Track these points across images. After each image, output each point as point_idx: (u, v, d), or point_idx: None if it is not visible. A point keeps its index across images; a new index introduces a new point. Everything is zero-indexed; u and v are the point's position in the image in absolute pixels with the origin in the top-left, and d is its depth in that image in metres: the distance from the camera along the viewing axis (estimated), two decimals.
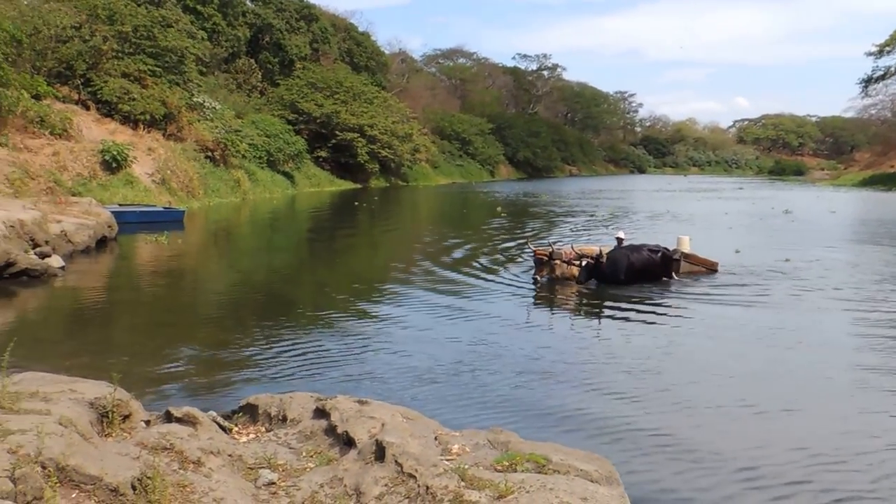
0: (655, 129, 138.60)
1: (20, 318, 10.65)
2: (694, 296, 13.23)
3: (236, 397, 6.67)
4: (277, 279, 15.40)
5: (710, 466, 5.94)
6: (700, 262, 15.53)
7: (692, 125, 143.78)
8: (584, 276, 13.78)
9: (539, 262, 14.14)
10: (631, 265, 14.00)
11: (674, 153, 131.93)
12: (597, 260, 13.74)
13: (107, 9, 32.13)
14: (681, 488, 5.55)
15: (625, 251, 14.35)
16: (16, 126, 24.39)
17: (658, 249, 14.60)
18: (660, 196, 49.54)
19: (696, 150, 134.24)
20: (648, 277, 14.18)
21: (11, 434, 3.93)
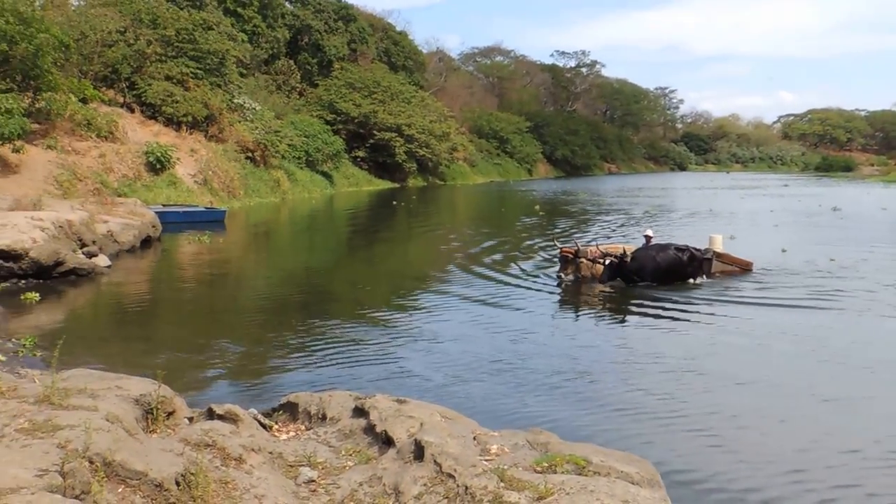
0: (697, 126, 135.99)
1: (69, 316, 10.91)
2: (732, 297, 12.95)
3: (277, 395, 6.76)
4: (316, 278, 15.56)
5: (755, 468, 5.83)
6: (734, 262, 15.18)
7: (735, 121, 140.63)
8: (607, 275, 13.60)
9: (564, 261, 14.01)
10: (657, 265, 13.76)
11: (716, 150, 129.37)
12: (621, 259, 13.54)
13: (150, 13, 32.87)
14: (724, 490, 5.46)
15: (651, 250, 14.12)
16: (64, 129, 25.07)
17: (685, 248, 14.28)
18: (701, 194, 48.74)
19: (740, 146, 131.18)
20: (676, 277, 13.90)
21: (60, 429, 4.00)
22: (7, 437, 3.88)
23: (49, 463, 3.57)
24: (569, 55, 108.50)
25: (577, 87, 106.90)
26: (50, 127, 24.51)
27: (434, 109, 57.28)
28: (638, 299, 12.76)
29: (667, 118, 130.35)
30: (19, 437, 3.88)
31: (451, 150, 58.64)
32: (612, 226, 26.50)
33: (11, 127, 20.42)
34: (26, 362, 7.42)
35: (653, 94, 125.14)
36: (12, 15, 22.53)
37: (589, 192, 48.53)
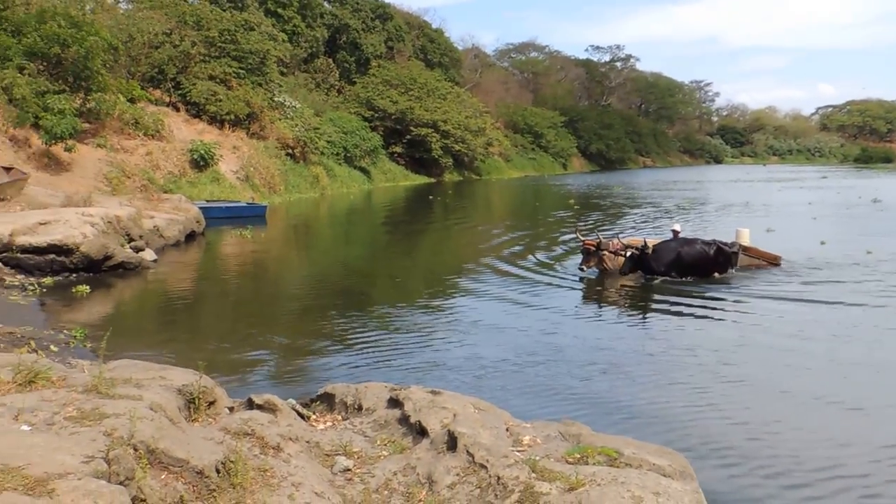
0: (733, 119, 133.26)
1: (116, 308, 11.21)
2: (769, 291, 12.71)
3: (314, 386, 6.88)
4: (354, 271, 15.73)
5: (789, 461, 5.76)
6: (761, 256, 14.90)
7: (772, 113, 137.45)
8: (627, 267, 13.49)
9: (586, 253, 13.92)
10: (679, 258, 13.56)
11: (752, 142, 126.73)
12: (642, 252, 13.38)
13: (194, 15, 33.54)
14: (758, 483, 5.40)
15: (674, 244, 13.92)
16: (113, 128, 25.74)
17: (712, 243, 14.05)
18: (737, 186, 47.84)
19: (777, 138, 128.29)
20: (700, 272, 13.68)
21: (107, 418, 4.08)
22: (57, 425, 3.96)
23: (95, 450, 3.63)
24: (603, 50, 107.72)
25: (611, 82, 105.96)
26: (100, 126, 25.17)
27: (469, 105, 57.28)
28: (666, 293, 12.62)
29: (702, 111, 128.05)
30: (68, 425, 3.96)
31: (487, 145, 58.65)
32: (644, 219, 26.25)
33: (64, 127, 21.03)
34: (76, 353, 7.60)
35: (688, 87, 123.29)
36: (64, 19, 23.23)
37: (623, 186, 47.98)
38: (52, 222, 12.78)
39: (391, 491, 4.25)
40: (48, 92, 22.10)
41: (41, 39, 22.34)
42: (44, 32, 22.38)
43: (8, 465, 3.30)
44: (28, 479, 3.20)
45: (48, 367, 5.04)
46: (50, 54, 22.65)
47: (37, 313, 9.73)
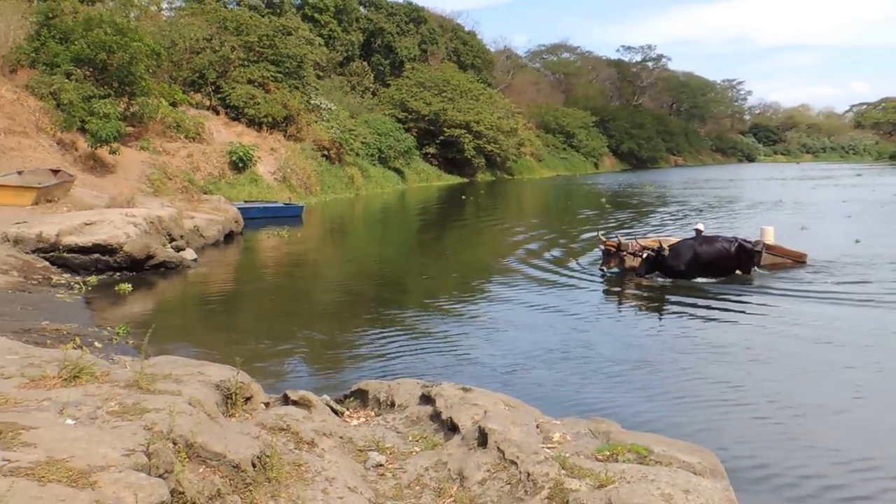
0: (765, 117, 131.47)
1: (158, 306, 11.46)
2: (795, 289, 12.51)
3: (348, 382, 6.97)
4: (387, 270, 15.88)
5: (820, 458, 5.72)
6: (786, 254, 14.61)
7: (805, 111, 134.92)
8: (644, 268, 13.33)
9: (607, 254, 13.83)
10: (696, 257, 13.32)
11: (785, 140, 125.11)
12: (658, 252, 13.20)
13: (234, 21, 34.14)
14: (790, 482, 5.34)
15: (691, 243, 13.69)
16: (156, 131, 26.33)
17: (733, 240, 13.79)
18: (770, 184, 47.01)
19: (810, 136, 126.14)
20: (721, 271, 13.44)
21: (147, 412, 4.13)
22: (99, 419, 4.01)
23: (136, 443, 3.67)
24: (634, 50, 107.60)
25: (642, 82, 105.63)
26: (143, 129, 25.77)
27: (502, 106, 57.39)
28: (691, 292, 12.49)
29: (734, 110, 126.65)
30: (110, 419, 4.02)
31: (519, 145, 58.71)
32: (674, 217, 26.00)
33: (109, 130, 21.57)
34: (119, 349, 7.77)
35: (720, 86, 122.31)
36: (110, 26, 23.84)
37: (655, 185, 47.60)
38: (97, 223, 13.05)
39: (423, 486, 4.29)
40: (94, 97, 22.70)
41: (88, 46, 22.95)
42: (90, 39, 22.99)
43: (53, 458, 3.37)
44: (72, 471, 3.27)
45: (92, 362, 5.13)
46: (96, 60, 23.26)
47: (82, 311, 9.96)
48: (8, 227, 12.43)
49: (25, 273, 11.29)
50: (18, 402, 4.24)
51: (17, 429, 3.67)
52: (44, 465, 3.29)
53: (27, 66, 23.86)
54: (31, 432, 3.66)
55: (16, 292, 10.14)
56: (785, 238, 16.50)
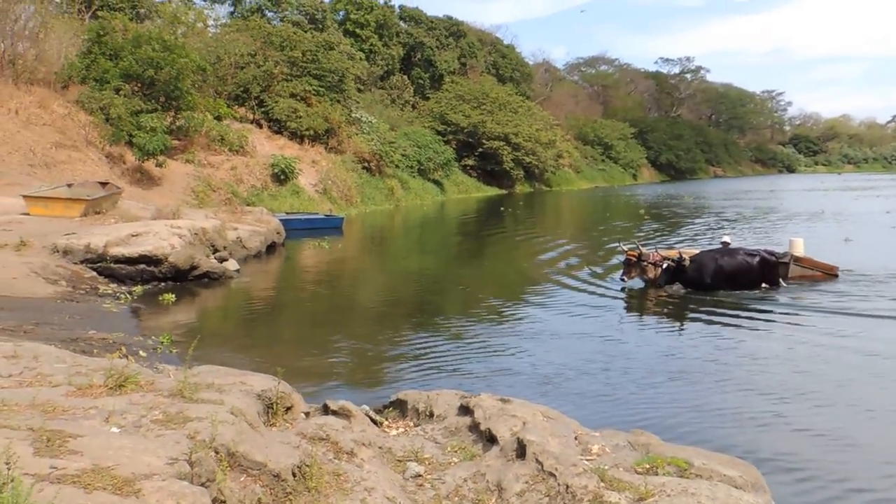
0: (806, 128, 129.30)
1: (201, 316, 11.63)
2: (824, 303, 12.18)
3: (387, 392, 7.00)
4: (426, 280, 15.90)
5: (865, 472, 5.55)
6: (816, 266, 14.15)
7: (846, 122, 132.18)
8: (664, 279, 13.09)
9: (628, 264, 13.57)
10: (719, 269, 13.00)
11: (826, 151, 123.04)
12: (678, 263, 12.92)
13: (279, 37, 34.84)
14: (836, 497, 5.19)
15: (714, 254, 13.39)
16: (201, 144, 26.93)
17: (756, 253, 13.43)
18: (811, 195, 46.06)
19: (851, 147, 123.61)
20: (744, 283, 13.08)
21: (190, 421, 4.19)
22: (144, 427, 4.09)
23: (179, 452, 3.72)
24: (673, 62, 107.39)
25: (681, 93, 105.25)
26: (188, 142, 26.38)
27: (540, 118, 57.38)
28: (723, 304, 12.25)
29: (774, 121, 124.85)
30: (154, 428, 4.09)
31: (557, 157, 58.58)
32: (712, 228, 25.58)
33: (156, 144, 22.15)
34: (163, 358, 7.88)
35: (759, 97, 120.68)
36: (158, 43, 24.53)
37: (694, 196, 47.03)
38: (143, 234, 13.29)
39: (461, 497, 4.27)
40: (142, 111, 23.36)
41: (136, 62, 23.64)
42: (139, 56, 23.68)
43: (99, 465, 3.43)
44: (116, 479, 3.32)
45: (137, 371, 5.23)
46: (144, 76, 23.93)
47: (127, 320, 10.13)
48: (58, 239, 12.75)
49: (73, 283, 11.57)
50: (66, 411, 4.33)
51: (65, 436, 3.74)
52: (90, 473, 3.35)
53: (78, 82, 24.65)
54: (78, 440, 3.73)
55: (64, 302, 10.40)
56: (828, 250, 16.07)
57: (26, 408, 4.28)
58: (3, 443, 3.17)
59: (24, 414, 4.16)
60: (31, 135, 21.14)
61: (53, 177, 19.63)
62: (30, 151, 20.53)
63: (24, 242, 12.34)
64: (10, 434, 3.63)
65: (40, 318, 9.01)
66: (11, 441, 3.22)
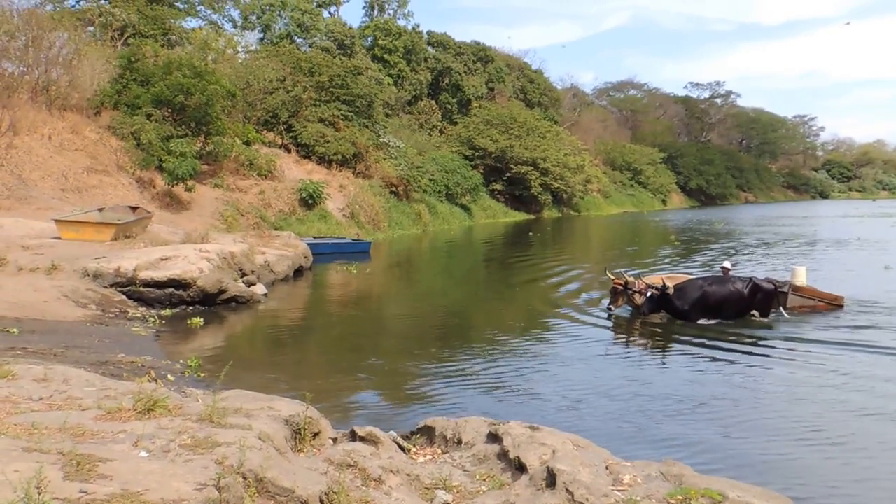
0: (839, 153, 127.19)
1: (229, 340, 11.67)
2: (847, 336, 11.80)
3: (414, 418, 6.95)
4: (454, 306, 15.83)
5: None
6: (818, 296, 13.76)
7: (881, 147, 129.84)
8: (647, 307, 12.75)
9: (615, 293, 13.27)
10: (703, 297, 12.62)
11: (860, 177, 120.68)
12: (662, 292, 12.58)
13: (308, 62, 35.37)
14: None
15: (700, 283, 13.02)
16: (229, 169, 27.32)
17: (747, 281, 13.08)
18: (846, 222, 45.28)
19: (886, 172, 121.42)
20: (732, 313, 12.75)
21: (218, 446, 4.22)
22: (172, 452, 4.12)
23: (207, 477, 3.74)
24: (703, 86, 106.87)
25: (711, 118, 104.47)
26: (217, 167, 26.77)
27: (568, 143, 57.36)
28: (741, 334, 12.01)
29: (807, 146, 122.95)
30: (182, 452, 4.12)
31: (585, 182, 58.40)
32: (748, 254, 25.26)
33: (185, 168, 22.49)
34: (191, 382, 7.92)
35: (791, 122, 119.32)
36: (188, 69, 25.03)
37: (725, 222, 46.48)
38: (172, 258, 13.42)
39: None
40: (172, 136, 23.76)
41: (167, 88, 24.12)
42: (170, 82, 24.16)
43: (128, 490, 3.44)
44: None
45: (165, 395, 5.26)
46: (174, 102, 24.39)
47: (155, 344, 10.23)
48: (88, 262, 12.93)
49: (103, 306, 11.73)
50: (95, 434, 4.36)
51: (95, 461, 3.76)
52: (119, 498, 3.35)
53: (110, 107, 25.20)
54: (108, 464, 3.74)
55: (94, 325, 10.53)
56: (866, 278, 15.67)
57: (56, 431, 4.32)
58: (34, 467, 3.18)
59: (55, 437, 4.19)
60: (64, 160, 21.63)
61: (85, 201, 20.00)
62: (62, 176, 20.98)
63: (55, 266, 12.56)
64: (40, 458, 3.65)
65: (70, 341, 9.13)
66: (42, 465, 3.23)
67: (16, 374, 5.57)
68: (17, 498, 2.95)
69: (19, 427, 4.34)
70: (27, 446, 3.91)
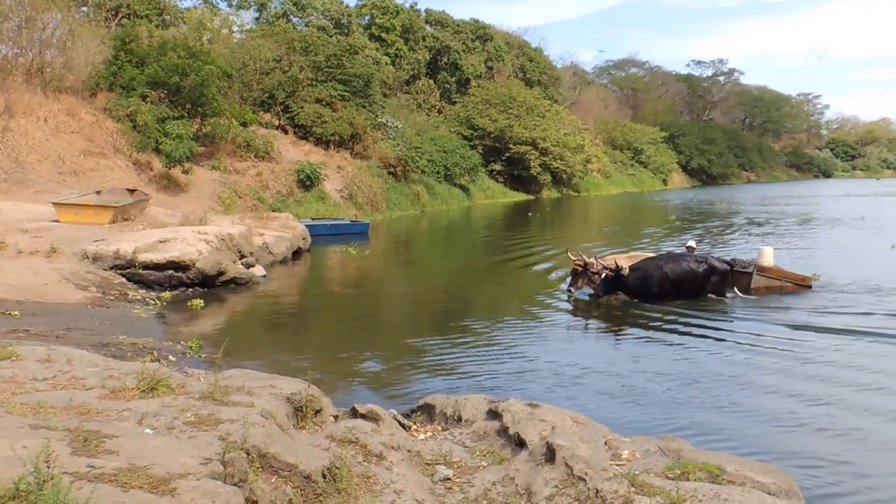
0: (843, 132, 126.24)
1: (229, 321, 11.74)
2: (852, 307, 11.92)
3: (414, 396, 7.04)
4: (452, 286, 15.90)
5: None
6: (785, 277, 13.75)
7: (886, 125, 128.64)
8: (602, 289, 12.75)
9: (575, 274, 13.24)
10: (661, 277, 12.68)
11: (865, 156, 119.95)
12: (616, 272, 12.57)
13: (303, 41, 35.06)
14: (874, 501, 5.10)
15: (656, 262, 13.05)
16: (227, 151, 27.21)
17: (703, 260, 13.11)
18: (849, 201, 45.30)
19: (891, 151, 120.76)
20: (687, 292, 12.77)
21: (222, 423, 4.28)
22: (176, 429, 4.18)
23: (212, 453, 3.81)
24: (705, 64, 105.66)
25: (713, 96, 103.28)
26: (214, 149, 26.65)
27: (568, 122, 57.12)
28: (735, 312, 12.12)
29: (810, 124, 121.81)
30: (187, 429, 4.18)
31: (585, 161, 58.19)
32: (754, 235, 25.24)
33: (182, 150, 22.41)
34: (192, 363, 7.98)
35: (795, 100, 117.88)
36: (183, 50, 24.83)
37: (727, 202, 46.40)
38: (171, 240, 13.47)
39: (490, 501, 4.28)
40: (168, 118, 23.62)
41: (162, 70, 23.92)
42: (164, 63, 23.96)
43: (134, 465, 3.52)
44: (152, 478, 3.40)
45: (168, 375, 5.33)
46: (170, 83, 24.19)
47: (156, 325, 10.29)
48: (87, 245, 12.97)
49: (103, 289, 11.77)
50: (100, 413, 4.42)
51: (101, 437, 3.82)
52: (126, 472, 3.42)
53: (105, 89, 25.02)
54: (114, 441, 3.81)
55: (94, 307, 10.58)
56: (873, 258, 15.64)
57: (62, 410, 4.37)
58: (42, 443, 3.24)
59: (61, 415, 4.25)
60: (60, 143, 21.54)
61: (82, 184, 19.96)
62: (59, 159, 20.92)
63: (54, 249, 12.58)
64: (48, 434, 3.72)
65: (71, 323, 9.18)
66: (50, 441, 3.29)
67: (19, 355, 5.62)
68: (26, 472, 3.01)
69: (25, 406, 4.39)
70: (34, 423, 3.97)
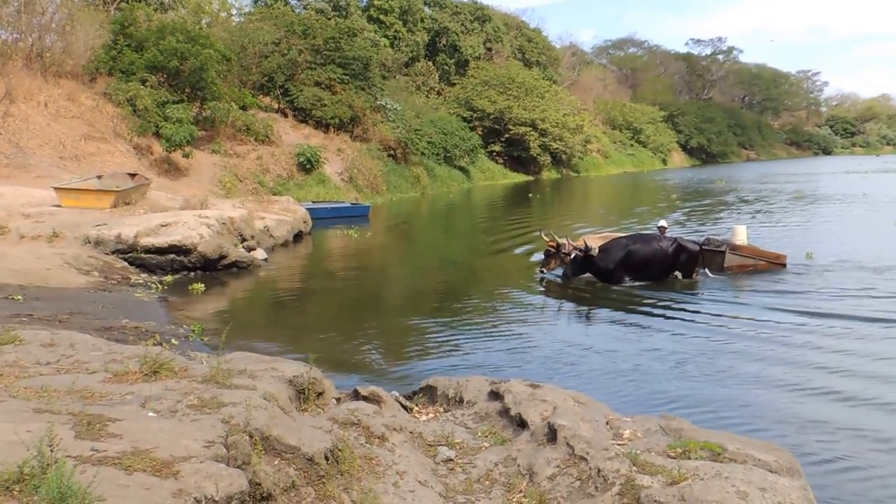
0: (843, 109, 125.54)
1: (230, 304, 11.77)
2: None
3: (416, 377, 7.07)
4: (453, 268, 15.94)
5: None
6: (759, 255, 13.75)
7: (885, 102, 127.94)
8: (571, 269, 12.72)
9: (547, 255, 13.22)
10: (627, 257, 12.61)
11: (864, 132, 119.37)
12: (585, 253, 12.51)
13: (302, 24, 34.84)
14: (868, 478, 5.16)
15: (624, 242, 13.00)
16: (226, 135, 27.13)
17: (672, 240, 13.06)
18: (849, 178, 45.15)
19: (891, 127, 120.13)
20: (655, 272, 12.74)
21: (224, 406, 4.30)
22: (179, 412, 4.20)
23: (215, 435, 3.82)
24: (704, 43, 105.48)
25: (713, 75, 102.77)
26: (214, 133, 26.57)
27: (567, 103, 56.84)
28: (730, 286, 12.18)
29: (810, 102, 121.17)
30: (189, 412, 4.20)
31: (585, 142, 58.04)
32: (750, 213, 25.20)
33: (182, 134, 22.35)
34: (195, 346, 8.03)
35: (794, 77, 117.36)
36: (182, 34, 24.68)
37: (726, 180, 46.35)
38: (172, 224, 13.48)
39: (492, 481, 4.30)
40: (168, 102, 23.53)
41: (161, 53, 23.81)
42: (163, 47, 23.84)
43: (138, 448, 3.53)
44: (156, 461, 3.41)
45: (171, 358, 5.33)
46: (169, 67, 24.09)
47: (158, 309, 10.30)
48: (89, 230, 12.97)
49: (105, 273, 11.78)
50: (103, 396, 4.44)
51: (104, 420, 3.84)
52: (129, 455, 3.43)
53: (105, 73, 24.89)
54: (117, 424, 3.82)
55: (96, 291, 10.60)
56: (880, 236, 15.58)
57: (65, 394, 4.39)
58: (46, 427, 3.25)
59: (64, 399, 4.26)
60: (61, 127, 21.48)
61: (83, 169, 19.93)
62: (60, 144, 20.87)
63: (56, 234, 12.59)
64: (51, 418, 3.73)
65: (74, 307, 9.19)
66: (53, 425, 3.30)
67: (23, 339, 5.64)
68: (30, 455, 3.03)
69: (29, 390, 4.41)
70: (38, 407, 3.99)
